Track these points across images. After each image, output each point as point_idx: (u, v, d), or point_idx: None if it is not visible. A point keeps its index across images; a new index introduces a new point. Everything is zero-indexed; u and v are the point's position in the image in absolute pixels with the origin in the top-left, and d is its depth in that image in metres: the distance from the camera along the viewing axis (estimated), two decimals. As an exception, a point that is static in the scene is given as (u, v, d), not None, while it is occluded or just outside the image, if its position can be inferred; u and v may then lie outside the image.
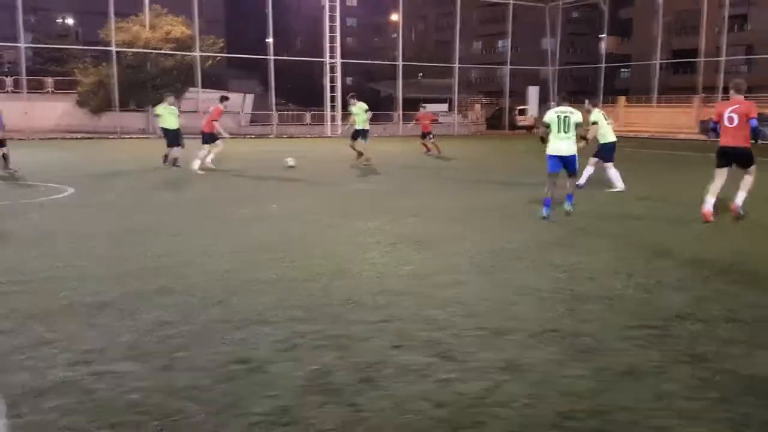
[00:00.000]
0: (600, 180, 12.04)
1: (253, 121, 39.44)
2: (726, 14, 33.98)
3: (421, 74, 51.87)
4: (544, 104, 35.30)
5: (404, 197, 11.31)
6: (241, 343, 4.22)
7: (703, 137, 30.96)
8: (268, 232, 8.01)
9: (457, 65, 38.71)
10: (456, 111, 40.46)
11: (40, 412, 3.25)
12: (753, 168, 8.83)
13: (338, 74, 34.87)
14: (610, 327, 4.53)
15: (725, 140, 8.83)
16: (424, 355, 4.00)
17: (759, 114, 9.27)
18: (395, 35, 45.36)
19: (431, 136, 21.73)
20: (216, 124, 15.27)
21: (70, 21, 46.89)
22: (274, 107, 35.49)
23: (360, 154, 17.66)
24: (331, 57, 34.80)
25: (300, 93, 56.31)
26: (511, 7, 40.61)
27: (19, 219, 8.79)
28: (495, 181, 14.17)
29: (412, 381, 3.64)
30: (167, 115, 16.25)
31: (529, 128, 39.38)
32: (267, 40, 34.47)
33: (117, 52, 31.77)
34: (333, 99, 34.90)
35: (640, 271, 6.06)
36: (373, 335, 4.36)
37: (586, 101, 12.67)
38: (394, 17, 45.06)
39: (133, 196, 11.37)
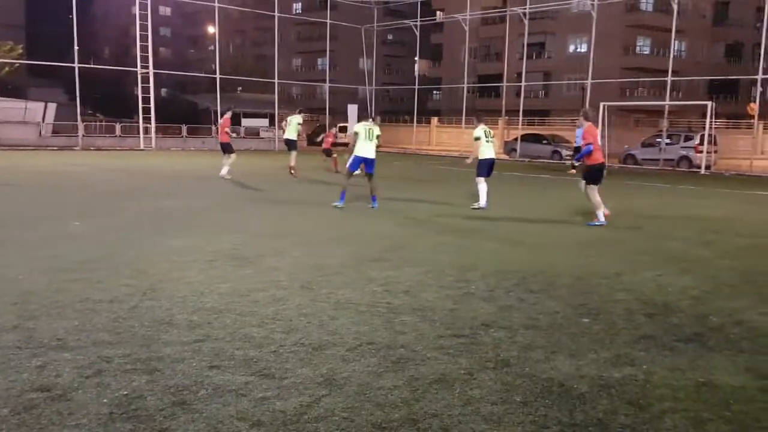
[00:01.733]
0: (417, 197, 12.59)
1: (56, 132, 36.35)
2: (525, 42, 37.36)
3: (240, 88, 51.13)
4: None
5: (222, 213, 11.04)
6: (39, 370, 3.89)
7: (505, 156, 33.67)
8: (70, 251, 7.40)
9: (276, 81, 38.66)
10: (277, 126, 40.31)
11: None
12: None
13: (151, 85, 33.29)
14: (423, 337, 4.75)
15: (602, 157, 10.57)
16: (242, 374, 3.94)
17: (555, 136, 11.11)
18: (212, 47, 44.30)
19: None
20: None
21: None
22: (79, 117, 32.99)
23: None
24: (144, 66, 33.15)
25: (110, 103, 53.04)
26: (328, 27, 41.43)
27: None
28: (314, 196, 14.29)
29: (229, 401, 3.56)
30: None
31: (347, 145, 40.34)
32: (75, 47, 32.03)
33: None
34: (146, 110, 33.21)
35: (451, 283, 6.43)
36: (188, 356, 4.20)
37: (474, 118, 13.32)
38: (211, 29, 44.05)
39: None
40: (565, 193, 16.87)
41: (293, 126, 19.68)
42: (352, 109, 40.33)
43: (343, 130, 42.84)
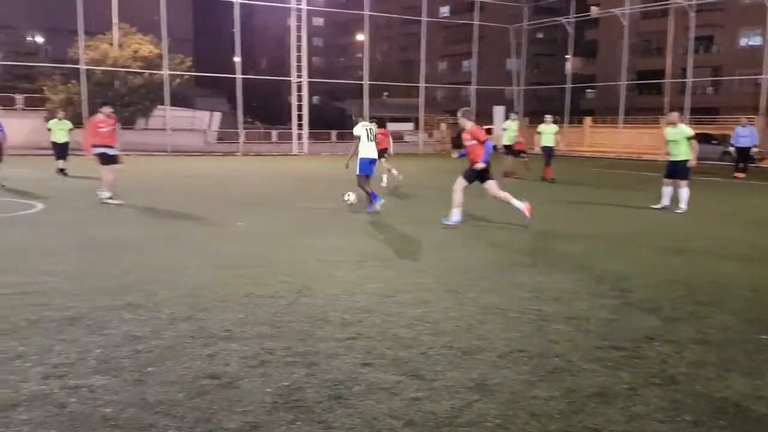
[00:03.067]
0: (549, 198, 12.16)
1: (220, 139, 39.23)
2: (692, 36, 34.96)
3: (386, 93, 52.24)
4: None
5: (368, 214, 11.31)
6: (210, 358, 4.18)
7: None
8: (232, 249, 7.92)
9: (422, 85, 39.04)
10: (421, 130, 40.76)
11: (13, 425, 3.22)
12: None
13: (305, 93, 34.93)
14: (578, 348, 4.56)
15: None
16: (393, 374, 3.99)
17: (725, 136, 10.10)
18: (360, 55, 45.64)
19: (524, 154, 20.44)
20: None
21: (39, 39, 46.19)
22: (240, 125, 35.34)
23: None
24: (298, 76, 34.85)
25: (266, 111, 56.28)
26: (476, 28, 41.20)
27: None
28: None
29: (382, 399, 3.63)
30: (57, 130, 18.23)
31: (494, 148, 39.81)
32: (234, 59, 34.40)
33: (86, 69, 31.39)
34: (300, 117, 34.91)
35: (606, 291, 6.13)
36: (342, 353, 4.33)
37: (675, 114, 12.28)
38: (360, 37, 45.38)
39: (98, 212, 11.15)
40: (732, 197, 15.59)
41: (511, 132, 19.53)
42: (499, 111, 39.83)
43: (489, 132, 42.38)
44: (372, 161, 11.49)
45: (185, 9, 50.57)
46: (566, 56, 44.25)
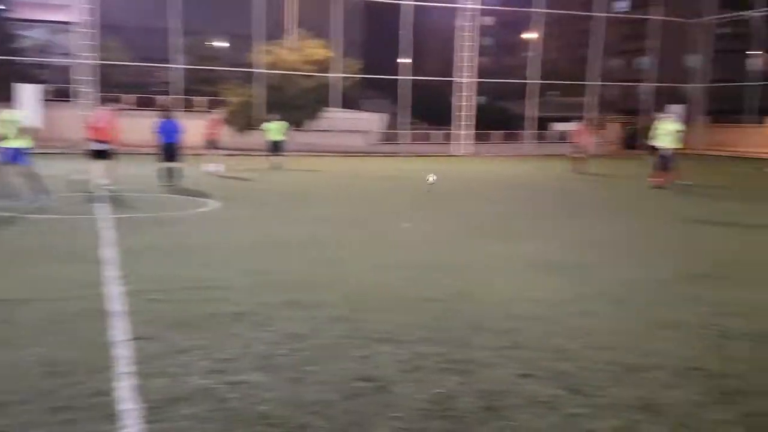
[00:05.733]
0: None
1: (384, 140, 40.12)
2: None
3: (556, 92, 50.57)
4: (687, 123, 33.12)
5: (535, 220, 10.98)
6: (365, 360, 4.23)
7: None
8: (393, 251, 8.00)
9: (589, 83, 37.27)
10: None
11: (175, 419, 3.37)
12: None
13: (472, 93, 34.94)
14: (762, 369, 4.11)
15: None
16: (552, 387, 3.83)
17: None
18: (525, 54, 44.65)
19: None
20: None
21: (220, 44, 50.05)
22: (403, 126, 35.97)
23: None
24: (464, 76, 34.84)
25: (430, 112, 56.80)
26: (654, 23, 38.72)
27: (164, 231, 9.15)
28: (625, 207, 13.46)
29: (539, 413, 3.49)
30: (273, 130, 22.06)
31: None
32: (399, 60, 35.12)
33: (261, 73, 33.43)
34: (464, 118, 34.91)
35: (800, 309, 5.48)
36: (498, 362, 4.23)
37: None
38: (528, 36, 44.35)
39: (271, 210, 11.62)
40: None
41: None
42: (677, 110, 37.18)
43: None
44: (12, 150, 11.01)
45: (356, 13, 52.26)
46: (752, 52, 40.41)
